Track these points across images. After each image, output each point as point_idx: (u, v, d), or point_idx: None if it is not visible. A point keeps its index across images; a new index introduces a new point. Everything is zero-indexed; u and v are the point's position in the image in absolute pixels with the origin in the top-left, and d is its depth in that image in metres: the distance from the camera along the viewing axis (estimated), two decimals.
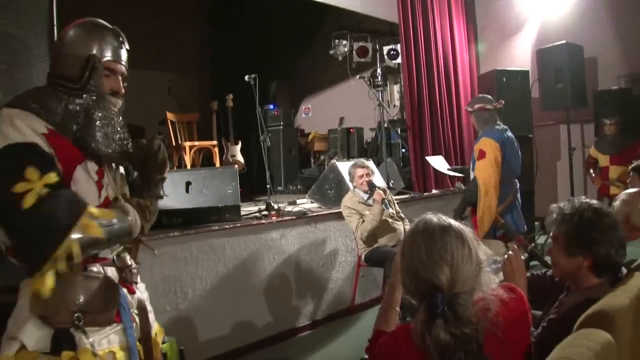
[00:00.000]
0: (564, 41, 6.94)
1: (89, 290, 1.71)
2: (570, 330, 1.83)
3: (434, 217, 1.69)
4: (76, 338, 1.65)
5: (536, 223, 7.09)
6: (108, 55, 1.80)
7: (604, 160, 6.54)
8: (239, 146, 7.15)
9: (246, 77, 5.35)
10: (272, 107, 8.89)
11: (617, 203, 2.86)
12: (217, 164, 6.68)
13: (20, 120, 1.62)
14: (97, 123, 1.76)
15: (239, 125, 7.29)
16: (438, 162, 6.10)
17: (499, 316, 1.55)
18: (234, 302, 4.31)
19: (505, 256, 2.25)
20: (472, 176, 4.98)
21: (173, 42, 8.41)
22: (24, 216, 1.52)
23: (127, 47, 1.89)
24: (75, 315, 1.65)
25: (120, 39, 1.86)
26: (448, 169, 5.97)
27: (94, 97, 1.77)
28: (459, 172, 5.80)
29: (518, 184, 5.01)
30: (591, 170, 6.71)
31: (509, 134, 4.92)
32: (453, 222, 1.68)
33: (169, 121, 6.68)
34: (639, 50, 7.07)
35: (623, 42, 7.21)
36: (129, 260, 1.93)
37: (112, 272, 1.83)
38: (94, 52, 1.77)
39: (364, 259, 4.97)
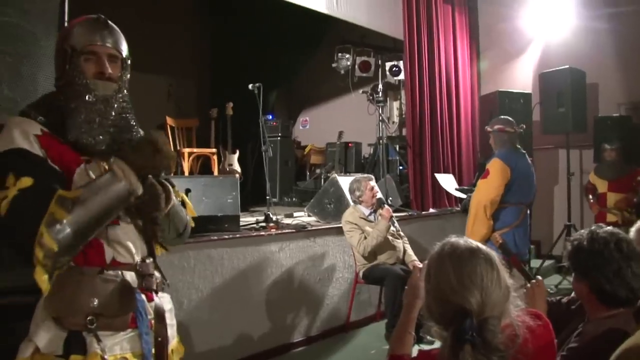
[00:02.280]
0: (567, 66, 6.95)
1: (104, 293, 1.66)
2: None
3: (460, 240, 1.64)
4: (87, 342, 1.62)
5: (531, 246, 7.05)
6: (84, 40, 1.72)
7: (602, 186, 6.52)
8: (236, 155, 7.07)
9: (250, 86, 5.28)
10: (270, 117, 8.84)
11: (632, 230, 2.81)
12: (216, 172, 6.59)
13: (15, 126, 1.63)
14: (80, 112, 1.69)
15: (236, 134, 7.22)
16: (446, 181, 6.05)
17: (527, 344, 1.51)
18: (229, 314, 4.21)
19: (527, 282, 2.22)
20: None
21: (174, 46, 8.34)
22: (2, 222, 1.52)
23: (112, 28, 1.80)
24: (88, 318, 1.61)
25: (100, 22, 1.78)
26: (456, 189, 5.90)
27: (77, 87, 1.70)
28: (466, 194, 5.73)
29: (529, 210, 4.88)
30: (590, 196, 6.68)
31: (527, 160, 4.79)
32: (481, 245, 1.63)
33: (168, 126, 6.60)
34: (639, 79, 7.09)
35: (625, 69, 7.23)
36: (151, 268, 1.83)
37: (130, 276, 1.75)
38: (72, 43, 1.71)
39: (362, 275, 4.90)
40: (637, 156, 6.76)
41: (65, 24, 2.74)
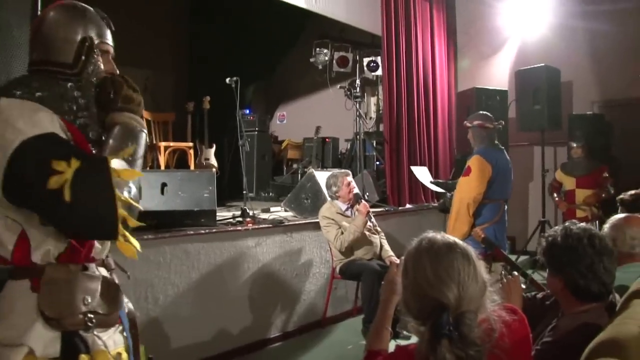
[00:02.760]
0: (542, 64, 7.03)
1: (94, 291, 1.64)
2: (569, 354, 1.79)
3: (437, 235, 1.65)
4: (89, 340, 1.61)
5: (507, 242, 7.12)
6: (98, 35, 1.74)
7: (570, 183, 6.61)
8: (213, 149, 7.03)
9: (227, 80, 5.25)
10: (247, 111, 8.80)
11: (605, 227, 2.86)
12: (192, 166, 6.54)
13: (37, 110, 1.55)
14: (91, 108, 1.69)
15: (213, 128, 7.17)
16: (422, 173, 6.07)
17: (503, 338, 1.52)
18: (205, 310, 4.19)
19: (503, 277, 2.24)
20: None
21: (151, 39, 8.24)
22: (69, 208, 1.44)
23: (113, 28, 1.83)
24: (88, 316, 1.59)
25: (105, 19, 1.80)
26: (431, 182, 5.93)
27: (90, 82, 1.70)
28: (441, 187, 5.76)
29: (506, 206, 4.93)
30: (555, 194, 6.77)
31: (506, 156, 4.85)
32: (458, 240, 1.65)
33: (144, 119, 6.52)
34: (613, 78, 7.20)
35: (598, 68, 7.33)
36: (112, 262, 1.81)
37: (104, 272, 1.73)
38: (87, 34, 1.71)
39: (338, 271, 4.90)
40: (606, 153, 6.89)
41: (39, 13, 2.69)
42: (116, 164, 1.54)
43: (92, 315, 1.59)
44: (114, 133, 1.65)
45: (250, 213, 4.95)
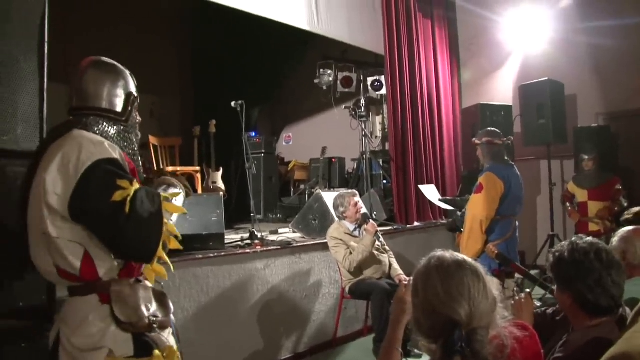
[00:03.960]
0: (546, 78, 7.05)
1: (151, 299, 1.97)
2: None
3: (446, 253, 1.66)
4: (156, 339, 1.90)
5: (518, 258, 7.08)
6: (134, 90, 2.16)
7: (582, 195, 6.58)
8: (220, 173, 7.04)
9: (232, 103, 5.28)
10: (253, 134, 8.86)
11: (615, 239, 2.84)
12: (199, 190, 6.56)
13: (98, 140, 1.91)
14: (135, 146, 2.12)
15: (220, 152, 7.21)
16: (430, 192, 6.07)
17: (515, 354, 1.54)
18: (215, 333, 4.18)
19: (515, 293, 2.24)
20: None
21: (156, 64, 8.31)
22: (127, 219, 1.77)
23: (135, 82, 2.21)
24: (151, 319, 1.89)
25: (132, 75, 2.19)
26: (439, 200, 5.91)
27: (135, 127, 2.15)
28: (449, 204, 5.75)
29: (517, 223, 4.90)
30: (567, 204, 6.75)
31: (516, 171, 4.82)
32: (466, 257, 1.65)
33: (151, 145, 6.57)
34: (617, 90, 7.20)
35: (602, 81, 7.34)
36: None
37: (149, 284, 2.04)
38: (130, 89, 2.13)
39: (348, 291, 4.88)
40: (615, 165, 6.87)
41: (45, 47, 2.75)
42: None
43: (154, 319, 1.90)
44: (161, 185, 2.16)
45: (259, 235, 4.95)
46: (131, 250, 1.83)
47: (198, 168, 6.80)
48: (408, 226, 6.70)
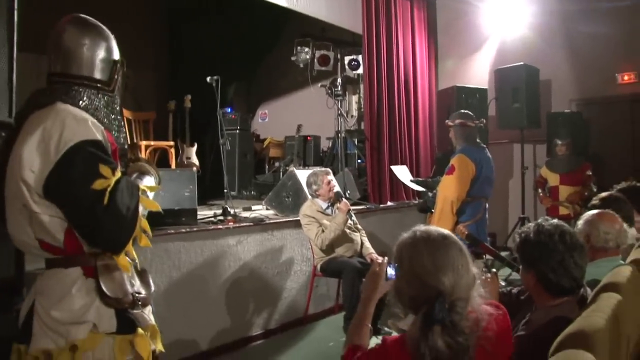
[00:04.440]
0: (521, 62, 7.11)
1: (134, 275, 1.93)
2: (541, 347, 1.83)
3: (430, 227, 1.73)
4: (138, 317, 1.87)
5: (488, 239, 7.19)
6: (118, 56, 2.03)
7: (554, 179, 6.70)
8: (194, 148, 7.00)
9: (208, 79, 5.23)
10: (229, 110, 8.80)
11: (580, 222, 2.91)
12: (173, 165, 6.52)
13: (82, 116, 1.80)
14: (120, 118, 2.06)
15: (195, 127, 7.16)
16: (402, 172, 6.11)
17: (488, 330, 1.59)
18: (186, 309, 4.19)
19: (482, 273, 2.27)
20: None
21: (132, 37, 8.06)
22: (104, 211, 1.69)
23: None
24: (135, 296, 1.85)
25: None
26: (411, 180, 5.97)
27: (118, 97, 2.04)
28: (421, 185, 5.80)
29: (487, 204, 4.96)
30: (539, 190, 6.87)
31: (488, 154, 4.89)
32: (450, 233, 1.73)
33: (125, 119, 6.49)
34: (590, 76, 7.30)
35: (576, 67, 7.43)
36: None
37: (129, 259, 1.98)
38: (116, 56, 2.01)
39: (319, 268, 4.93)
40: (585, 151, 6.99)
41: (15, 14, 2.69)
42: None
43: (138, 295, 1.86)
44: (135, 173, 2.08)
45: (232, 211, 4.95)
46: (102, 241, 1.77)
47: (172, 143, 6.75)
48: (381, 206, 6.75)
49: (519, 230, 2.34)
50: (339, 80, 8.37)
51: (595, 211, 2.96)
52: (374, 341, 1.83)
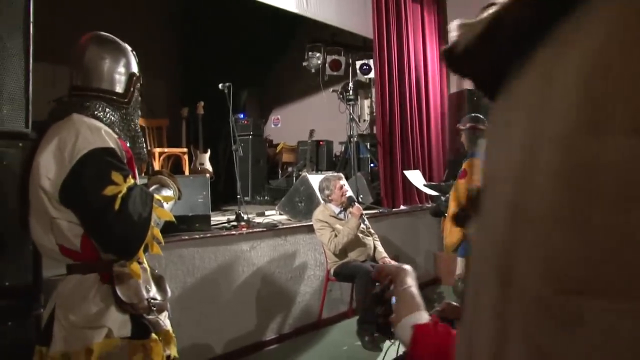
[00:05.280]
0: None
1: (150, 281, 1.99)
2: None
3: None
4: (154, 322, 1.92)
5: None
6: (136, 70, 2.14)
7: None
8: (207, 154, 7.06)
9: (220, 85, 5.29)
10: (242, 116, 8.84)
11: None
12: (186, 172, 6.58)
13: (96, 126, 1.87)
14: (137, 129, 2.14)
15: (207, 133, 7.21)
16: (415, 177, 6.11)
17: None
18: (201, 315, 4.22)
19: None
20: None
21: (144, 44, 8.16)
22: (115, 216, 1.74)
23: (137, 60, 2.19)
24: (151, 302, 1.91)
25: (133, 52, 2.17)
26: (424, 185, 5.96)
27: (138, 110, 2.14)
28: (435, 190, 5.80)
29: None
30: None
31: None
32: None
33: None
34: None
35: None
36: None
37: (146, 265, 2.05)
38: (133, 69, 2.11)
39: (333, 273, 4.94)
40: None
41: (31, 25, 2.74)
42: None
43: (153, 301, 1.92)
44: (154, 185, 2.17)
45: (245, 217, 4.99)
46: (113, 246, 1.83)
47: (185, 149, 6.81)
48: (394, 210, 6.75)
49: None
50: (351, 84, 8.39)
51: None
52: (387, 344, 1.78)
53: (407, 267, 1.67)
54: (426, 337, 1.45)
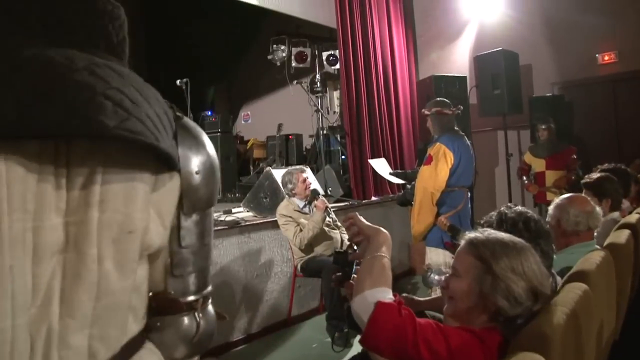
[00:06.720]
0: (500, 48, 6.99)
1: None
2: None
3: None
4: None
5: (472, 229, 7.08)
6: None
7: (539, 165, 6.55)
8: None
9: (177, 82, 5.15)
10: (209, 113, 8.68)
11: (551, 207, 2.82)
12: None
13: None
14: None
15: None
16: (380, 166, 5.99)
17: None
18: None
19: None
20: None
21: None
22: None
23: None
24: None
25: None
26: (390, 174, 5.84)
27: None
28: (400, 178, 5.68)
29: (470, 194, 4.85)
30: (524, 177, 6.74)
31: (467, 142, 4.74)
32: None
33: None
34: (571, 59, 7.19)
35: (556, 50, 7.32)
36: None
37: None
38: None
39: (299, 269, 4.83)
40: (570, 134, 6.88)
41: None
42: None
43: None
44: None
45: None
46: None
47: None
48: (364, 201, 6.64)
49: (481, 220, 2.23)
50: (318, 76, 8.27)
51: (566, 195, 2.87)
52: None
53: (386, 232, 1.54)
54: (388, 317, 1.34)
